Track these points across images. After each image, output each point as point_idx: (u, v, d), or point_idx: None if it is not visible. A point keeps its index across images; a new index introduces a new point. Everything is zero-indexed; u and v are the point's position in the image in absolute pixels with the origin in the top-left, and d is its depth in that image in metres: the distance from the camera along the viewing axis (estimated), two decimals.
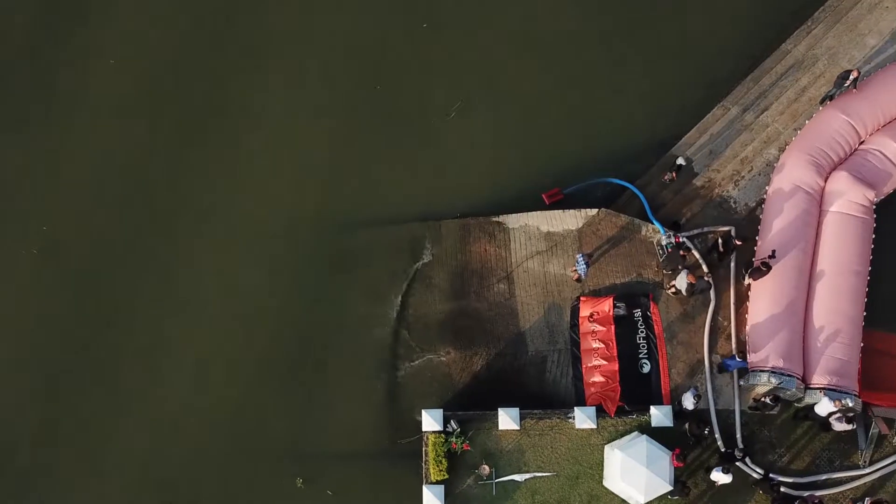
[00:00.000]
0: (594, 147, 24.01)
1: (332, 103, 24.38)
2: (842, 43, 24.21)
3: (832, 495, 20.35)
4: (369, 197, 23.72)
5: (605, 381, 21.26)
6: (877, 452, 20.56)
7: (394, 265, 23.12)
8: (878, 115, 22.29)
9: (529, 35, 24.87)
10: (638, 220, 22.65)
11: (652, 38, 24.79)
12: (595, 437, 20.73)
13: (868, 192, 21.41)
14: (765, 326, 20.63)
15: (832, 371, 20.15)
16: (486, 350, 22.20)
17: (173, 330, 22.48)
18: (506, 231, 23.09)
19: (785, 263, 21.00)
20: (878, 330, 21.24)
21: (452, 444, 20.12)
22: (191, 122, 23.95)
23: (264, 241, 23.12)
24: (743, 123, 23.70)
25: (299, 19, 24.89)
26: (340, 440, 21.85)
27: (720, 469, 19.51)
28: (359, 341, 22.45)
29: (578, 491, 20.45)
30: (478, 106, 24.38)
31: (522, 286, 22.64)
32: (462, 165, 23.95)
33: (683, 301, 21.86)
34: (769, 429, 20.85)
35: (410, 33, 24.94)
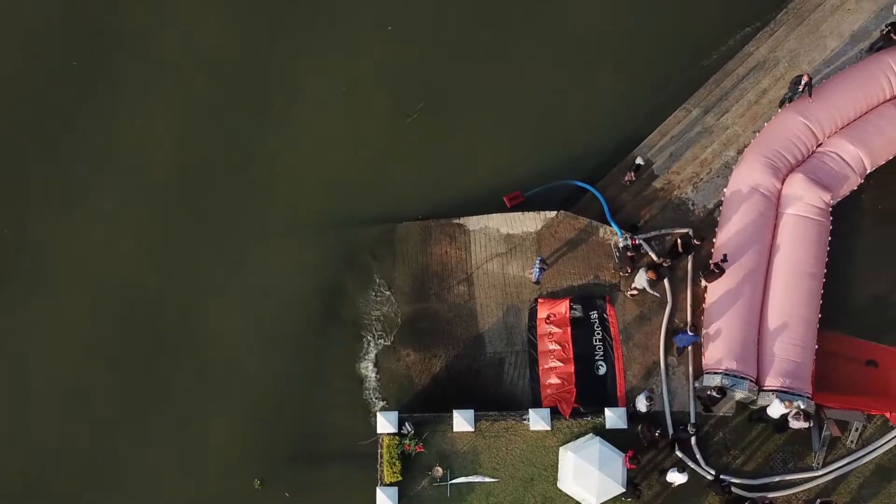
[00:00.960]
0: (557, 149, 24.02)
1: (293, 105, 24.38)
2: (803, 45, 24.27)
3: (785, 497, 20.43)
4: (330, 198, 23.70)
5: (561, 382, 21.32)
6: (830, 454, 20.62)
7: (354, 267, 23.11)
8: (836, 118, 22.34)
9: (493, 37, 24.88)
10: (596, 223, 22.71)
11: (616, 40, 24.83)
12: (550, 439, 20.79)
13: (824, 195, 21.46)
14: (719, 328, 20.70)
15: (785, 373, 20.21)
16: (446, 352, 22.23)
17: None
18: (466, 233, 23.14)
19: (740, 265, 21.07)
20: (834, 332, 21.26)
21: (406, 447, 20.14)
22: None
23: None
24: (704, 125, 23.76)
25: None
26: (299, 442, 21.81)
27: (675, 469, 19.58)
28: (317, 343, 22.43)
29: (533, 493, 20.51)
30: (440, 108, 24.39)
31: (482, 288, 22.69)
32: (423, 167, 23.97)
33: (640, 303, 21.92)
34: (723, 431, 20.92)
35: (375, 35, 24.94)
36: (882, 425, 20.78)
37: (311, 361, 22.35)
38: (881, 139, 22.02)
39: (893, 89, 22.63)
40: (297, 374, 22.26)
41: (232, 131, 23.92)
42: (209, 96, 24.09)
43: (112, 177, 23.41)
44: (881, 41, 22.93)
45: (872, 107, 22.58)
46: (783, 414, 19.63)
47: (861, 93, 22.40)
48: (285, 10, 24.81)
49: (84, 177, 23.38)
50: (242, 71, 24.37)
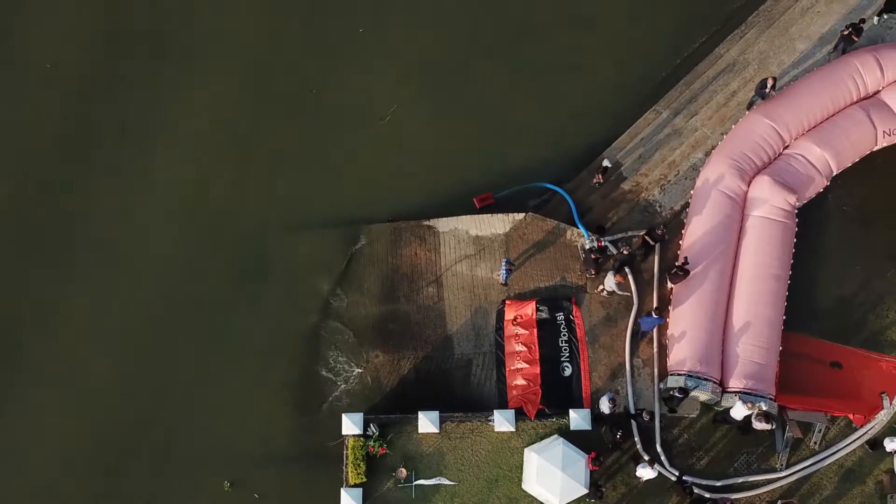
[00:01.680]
0: (528, 151, 24.14)
1: (266, 106, 24.43)
2: (773, 47, 24.35)
3: (748, 498, 20.49)
4: (302, 200, 23.80)
5: (527, 383, 21.41)
6: (794, 455, 20.69)
7: (324, 269, 23.20)
8: (803, 120, 22.39)
9: (466, 38, 24.97)
10: (564, 225, 22.80)
11: (588, 41, 24.91)
12: (515, 441, 20.87)
13: (789, 197, 21.53)
14: (684, 330, 20.78)
15: (749, 375, 20.28)
16: (414, 353, 22.32)
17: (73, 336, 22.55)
18: (436, 235, 23.23)
19: (706, 267, 21.14)
20: (799, 334, 21.33)
21: (370, 448, 20.23)
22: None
23: (193, 244, 23.20)
24: (673, 127, 23.83)
25: (225, 19, 24.94)
26: (268, 443, 21.89)
27: (644, 464, 19.65)
28: (286, 344, 22.52)
29: (497, 493, 20.60)
30: (413, 109, 24.48)
31: (451, 289, 22.78)
32: (396, 169, 24.06)
33: (606, 305, 22.01)
34: (688, 432, 20.98)
35: (348, 37, 25.04)
36: (845, 426, 20.85)
37: (280, 362, 22.44)
38: (847, 141, 22.07)
39: (860, 91, 22.69)
40: (266, 375, 22.35)
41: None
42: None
43: None
44: (842, 42, 22.99)
45: (839, 109, 22.63)
46: (746, 415, 19.70)
47: (828, 95, 22.45)
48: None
49: None
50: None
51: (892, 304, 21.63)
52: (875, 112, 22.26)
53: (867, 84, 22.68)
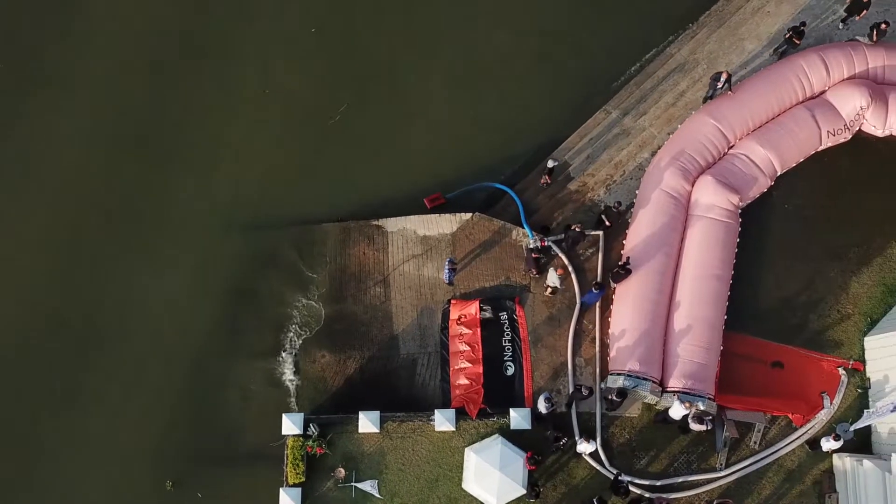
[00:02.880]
0: (480, 151, 24.11)
1: (217, 104, 24.44)
2: (722, 47, 24.37)
3: (688, 498, 20.51)
4: (251, 199, 23.78)
5: (470, 383, 21.43)
6: (734, 455, 20.70)
7: (271, 269, 23.18)
8: (748, 120, 22.41)
9: (416, 38, 24.97)
10: (510, 225, 22.81)
11: (539, 41, 24.92)
12: (456, 440, 20.89)
13: (732, 197, 21.55)
14: (625, 330, 20.79)
15: (688, 375, 20.29)
16: (360, 353, 22.32)
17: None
18: (384, 234, 23.24)
19: (648, 268, 21.16)
20: (742, 333, 21.34)
21: (308, 448, 20.24)
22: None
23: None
24: (622, 127, 23.85)
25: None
26: (210, 442, 21.88)
27: (581, 441, 19.76)
28: (231, 344, 22.50)
29: (437, 493, 20.61)
30: (363, 109, 24.48)
31: (398, 289, 22.79)
32: (345, 168, 24.05)
33: (549, 304, 22.03)
34: (629, 432, 21.00)
35: (298, 37, 25.04)
36: (786, 426, 20.88)
37: (225, 362, 22.39)
38: (791, 141, 22.09)
39: (805, 91, 22.71)
40: (211, 374, 22.31)
41: (146, 129, 23.97)
42: (124, 94, 24.14)
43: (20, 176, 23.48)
44: (784, 45, 23.02)
45: (785, 109, 22.65)
46: (684, 415, 19.71)
47: (773, 95, 22.47)
48: (201, 10, 24.82)
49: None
50: (161, 71, 24.42)
51: (834, 303, 21.64)
52: (820, 112, 22.28)
53: (813, 84, 22.70)
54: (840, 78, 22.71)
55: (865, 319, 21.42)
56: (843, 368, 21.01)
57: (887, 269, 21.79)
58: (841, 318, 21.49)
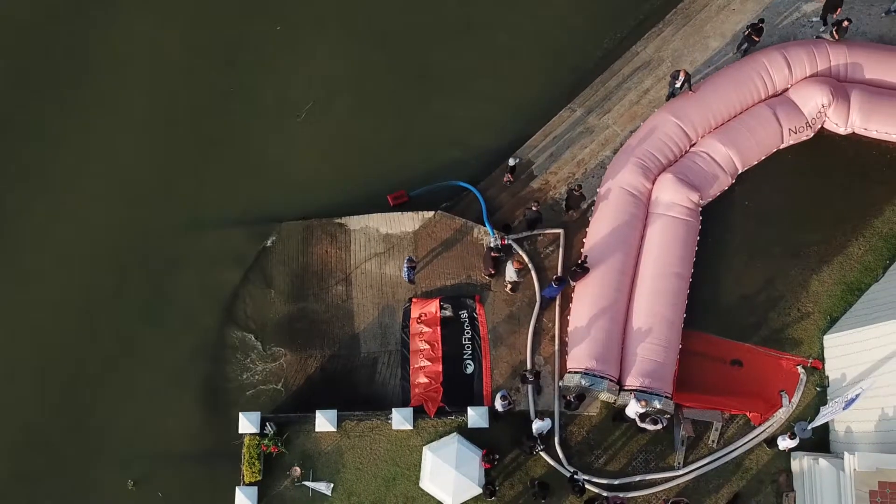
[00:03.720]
0: (445, 149, 24.10)
1: (183, 104, 24.36)
2: (687, 45, 24.33)
3: (645, 497, 20.43)
4: (215, 197, 23.74)
5: (429, 381, 21.37)
6: (692, 454, 20.63)
7: (234, 266, 23.15)
8: (709, 118, 22.37)
9: (380, 40, 24.92)
10: (471, 223, 22.76)
11: (506, 39, 24.86)
12: (414, 439, 20.83)
13: (692, 195, 21.49)
14: (583, 328, 20.72)
15: (646, 373, 20.23)
16: (321, 352, 22.27)
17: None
18: (347, 232, 23.20)
19: (607, 266, 21.10)
20: (701, 332, 21.28)
21: (262, 447, 20.18)
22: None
23: (100, 241, 23.14)
24: (586, 125, 23.80)
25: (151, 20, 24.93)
26: (171, 441, 21.81)
27: (536, 420, 19.80)
28: (194, 342, 22.46)
29: (395, 492, 20.55)
30: (329, 107, 24.45)
31: (359, 288, 22.74)
32: (311, 166, 24.02)
33: (510, 303, 21.99)
34: (587, 430, 20.93)
35: (264, 35, 24.99)
36: (744, 425, 20.81)
37: (185, 360, 22.36)
38: (752, 139, 22.05)
39: (768, 89, 22.67)
40: (171, 373, 22.26)
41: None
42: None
43: None
44: (745, 42, 22.95)
45: (747, 107, 22.60)
46: (640, 414, 19.64)
47: (735, 93, 22.45)
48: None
49: None
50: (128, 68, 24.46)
51: (794, 301, 21.56)
52: (781, 110, 22.24)
53: (775, 82, 22.67)
54: (802, 76, 22.68)
55: (825, 318, 21.34)
56: (803, 367, 20.95)
57: (848, 267, 21.71)
58: (801, 317, 21.41)
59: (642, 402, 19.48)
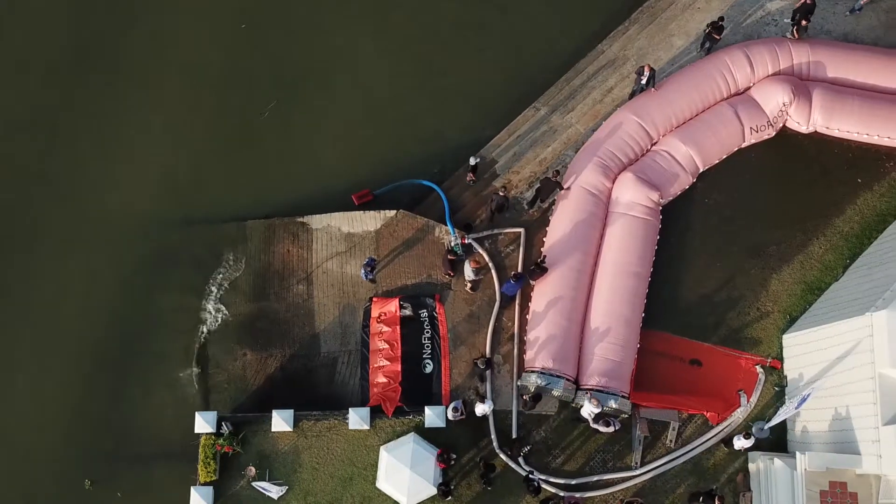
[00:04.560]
0: (411, 148, 23.97)
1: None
2: (652, 44, 24.26)
3: (602, 496, 20.36)
4: (176, 196, 23.63)
5: (388, 381, 21.30)
6: (649, 453, 20.57)
7: (196, 266, 23.04)
8: (671, 117, 22.31)
9: (345, 36, 24.84)
10: (433, 222, 22.69)
11: (472, 38, 24.78)
12: (372, 439, 20.76)
13: (652, 194, 21.42)
14: (541, 327, 20.66)
15: (602, 372, 20.17)
16: (282, 352, 22.17)
17: None
18: (309, 232, 23.11)
19: (566, 265, 21.04)
20: (660, 331, 21.22)
21: (217, 447, 20.11)
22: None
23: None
24: (549, 125, 23.72)
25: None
26: (130, 441, 21.69)
27: (477, 402, 19.94)
28: (155, 342, 22.36)
29: (351, 492, 20.49)
30: (293, 105, 24.34)
31: (321, 287, 22.66)
32: (274, 165, 23.93)
33: (469, 302, 21.92)
34: (546, 430, 20.86)
35: (229, 34, 24.91)
36: (702, 425, 20.75)
37: (147, 359, 22.22)
38: (714, 138, 21.99)
39: (730, 88, 22.61)
40: (131, 372, 22.14)
41: (70, 120, 23.86)
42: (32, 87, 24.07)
43: None
44: (706, 40, 22.90)
45: (708, 105, 22.54)
46: (594, 414, 19.57)
47: (696, 92, 22.39)
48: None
49: None
50: (85, 65, 24.30)
51: (754, 301, 21.50)
52: (743, 109, 22.18)
53: (737, 80, 22.62)
54: (765, 74, 22.63)
55: (785, 317, 21.29)
56: (761, 366, 20.90)
57: (808, 266, 21.66)
58: (760, 316, 21.35)
59: (594, 401, 19.40)
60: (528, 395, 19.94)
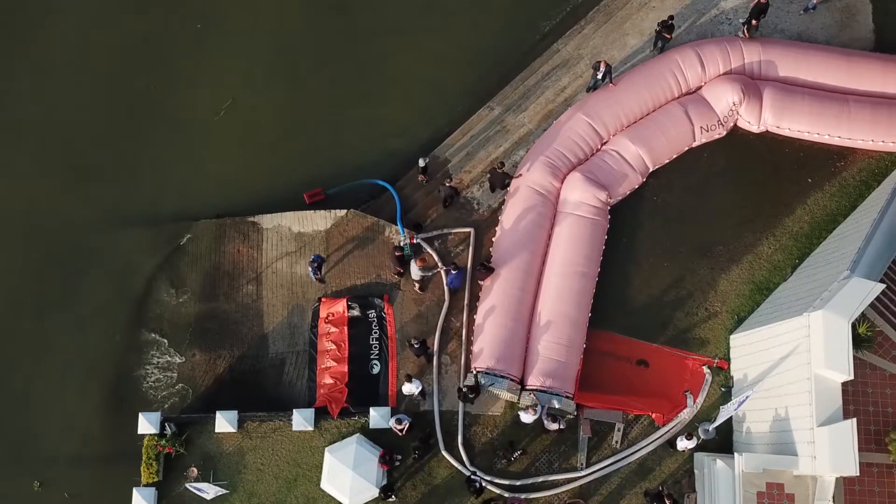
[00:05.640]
0: (366, 148, 23.91)
1: (101, 100, 24.22)
2: (606, 42, 24.16)
3: (547, 497, 20.27)
4: (131, 195, 23.55)
5: (334, 382, 21.21)
6: (595, 454, 20.48)
7: (145, 266, 22.94)
8: (621, 117, 22.22)
9: (301, 37, 24.72)
10: (384, 222, 22.61)
11: (431, 37, 24.67)
12: (317, 440, 20.69)
13: (600, 194, 21.33)
14: (487, 327, 20.58)
15: (547, 372, 20.09)
16: (230, 353, 22.08)
17: None
18: (260, 231, 23.01)
19: (513, 265, 20.96)
20: (608, 331, 21.13)
21: (158, 447, 20.02)
22: None
23: (9, 242, 22.96)
24: (502, 124, 23.63)
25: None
26: (78, 442, 21.63)
27: (405, 382, 19.92)
28: (102, 342, 22.25)
29: (296, 493, 20.42)
30: (250, 105, 24.25)
31: (270, 287, 22.56)
32: (230, 165, 23.84)
33: (418, 302, 21.82)
34: (492, 431, 20.76)
35: (185, 32, 24.80)
36: (648, 426, 20.67)
37: (95, 360, 22.15)
38: (663, 138, 21.91)
39: (681, 87, 22.52)
40: (79, 373, 22.08)
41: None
42: None
43: None
44: (658, 40, 22.82)
45: (660, 105, 22.45)
46: (532, 415, 19.52)
47: (647, 91, 22.31)
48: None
49: None
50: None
51: (702, 301, 21.42)
52: (693, 108, 22.11)
53: (688, 80, 22.55)
54: (716, 73, 22.54)
55: (733, 317, 21.20)
56: (709, 367, 20.81)
57: (757, 266, 21.57)
58: (708, 316, 21.28)
59: (531, 411, 19.35)
60: (464, 386, 19.80)
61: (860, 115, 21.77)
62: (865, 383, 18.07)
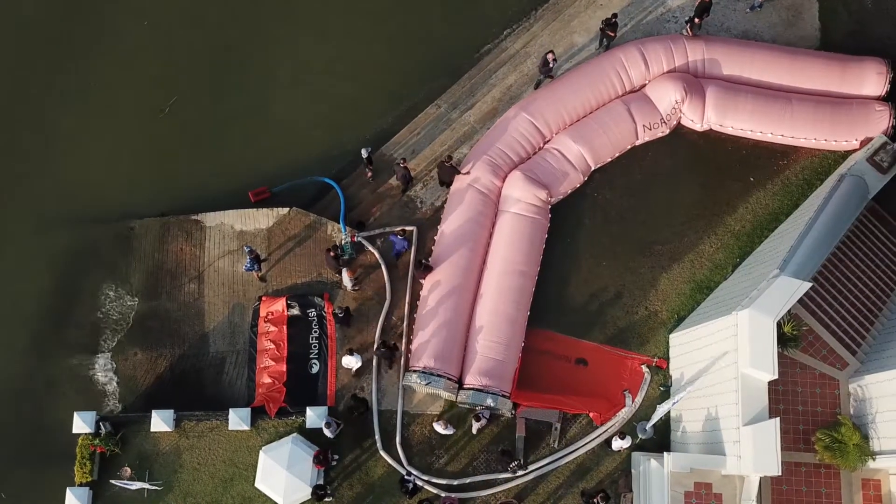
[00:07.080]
0: (313, 146, 23.78)
1: (34, 94, 24.03)
2: (553, 40, 24.10)
3: (484, 498, 20.18)
4: (70, 192, 23.34)
5: (273, 381, 21.07)
6: (533, 454, 20.39)
7: (89, 265, 22.75)
8: (563, 115, 22.14)
9: (248, 34, 24.56)
10: (326, 220, 22.50)
11: (383, 33, 24.55)
12: (254, 439, 20.56)
13: (540, 192, 21.25)
14: (426, 326, 20.49)
15: (484, 371, 20.00)
16: (171, 351, 21.93)
17: None
18: (203, 229, 22.86)
19: (452, 264, 20.87)
20: (547, 330, 21.06)
21: (91, 447, 19.85)
22: None
23: None
24: (448, 122, 23.56)
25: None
26: (17, 442, 21.44)
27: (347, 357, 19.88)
28: (45, 342, 22.06)
29: (232, 493, 20.29)
30: (194, 101, 24.09)
31: (211, 286, 22.41)
32: (174, 162, 23.68)
33: (359, 301, 21.68)
34: (431, 430, 20.63)
35: (128, 31, 24.62)
36: (587, 425, 20.59)
37: (35, 359, 21.98)
38: (605, 137, 21.84)
39: (625, 85, 22.45)
40: (21, 372, 21.89)
41: None
42: None
43: None
44: (602, 38, 22.76)
45: (603, 103, 22.37)
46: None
47: (590, 90, 22.23)
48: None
49: None
50: None
51: (642, 300, 21.36)
52: (636, 106, 22.05)
53: (632, 78, 22.49)
54: (660, 72, 22.48)
55: (673, 317, 21.15)
56: (647, 366, 20.75)
57: (698, 265, 21.53)
58: (648, 315, 21.22)
59: (442, 423, 19.32)
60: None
61: (803, 113, 21.75)
62: (795, 382, 18.06)
